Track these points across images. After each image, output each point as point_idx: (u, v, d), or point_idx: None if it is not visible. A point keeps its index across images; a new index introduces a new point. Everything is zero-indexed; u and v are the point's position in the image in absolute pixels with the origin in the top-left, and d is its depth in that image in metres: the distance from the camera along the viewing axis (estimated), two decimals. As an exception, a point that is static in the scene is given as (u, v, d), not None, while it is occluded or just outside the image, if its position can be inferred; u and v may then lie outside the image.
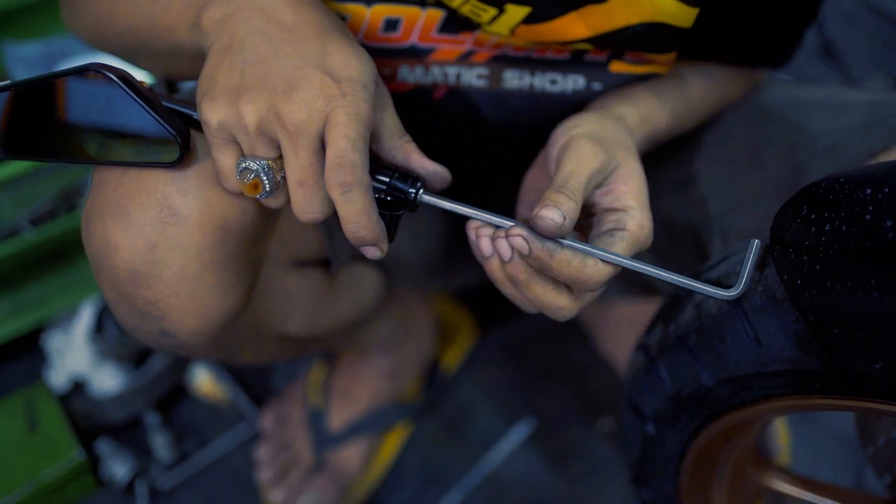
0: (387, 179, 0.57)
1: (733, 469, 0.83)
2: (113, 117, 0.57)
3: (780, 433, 1.14)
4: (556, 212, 0.55)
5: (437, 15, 0.68)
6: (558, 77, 0.73)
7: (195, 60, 0.60)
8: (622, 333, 1.27)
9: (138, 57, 0.72)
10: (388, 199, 0.57)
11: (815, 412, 0.94)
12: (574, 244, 0.56)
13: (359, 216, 0.52)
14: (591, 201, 0.62)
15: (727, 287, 0.62)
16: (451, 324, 1.38)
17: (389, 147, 0.59)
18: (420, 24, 0.68)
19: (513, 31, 0.66)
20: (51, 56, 1.25)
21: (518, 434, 1.24)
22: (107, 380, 1.19)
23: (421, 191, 0.58)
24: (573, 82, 0.73)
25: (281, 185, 0.55)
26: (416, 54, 0.71)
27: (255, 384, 1.30)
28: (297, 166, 0.52)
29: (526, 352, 1.37)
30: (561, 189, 0.57)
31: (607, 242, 0.59)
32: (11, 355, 1.29)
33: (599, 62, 0.72)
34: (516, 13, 0.64)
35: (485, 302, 1.41)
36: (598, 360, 1.34)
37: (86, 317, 1.21)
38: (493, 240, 0.56)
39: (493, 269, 0.59)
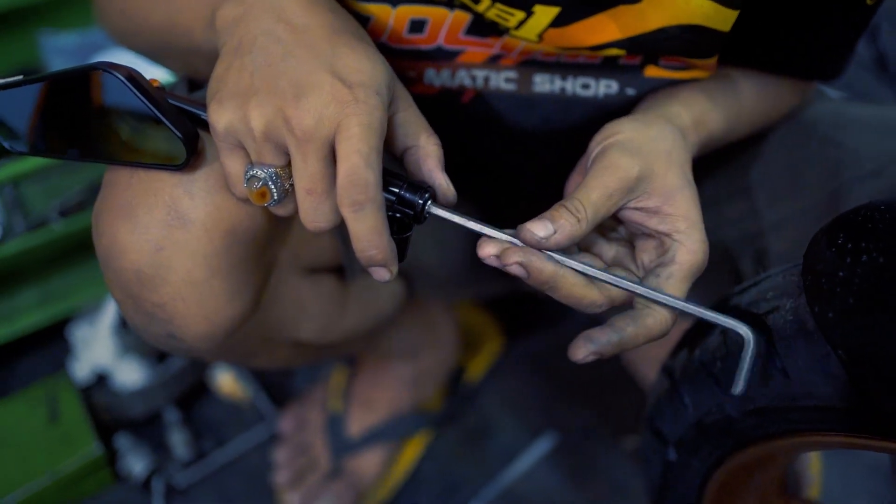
0: (396, 191, 0.54)
1: (759, 499, 0.79)
2: (125, 116, 0.56)
3: (812, 463, 1.11)
4: (543, 226, 0.53)
5: (464, 17, 0.66)
6: (590, 81, 0.71)
7: (212, 60, 0.58)
8: (651, 351, 1.24)
9: (162, 56, 0.71)
10: (398, 215, 0.55)
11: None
12: (575, 265, 0.54)
13: (370, 235, 0.50)
14: (634, 221, 0.59)
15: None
16: (477, 332, 1.36)
17: (408, 146, 0.56)
18: (447, 25, 0.66)
19: (541, 37, 0.64)
20: (87, 47, 1.26)
21: (539, 448, 1.22)
22: (129, 374, 1.19)
23: (429, 204, 0.55)
24: (605, 87, 0.71)
25: (290, 192, 0.53)
26: (442, 56, 0.69)
27: (277, 385, 1.29)
28: (306, 174, 0.50)
29: (551, 364, 1.34)
30: (566, 203, 0.55)
31: (655, 283, 0.57)
32: (37, 345, 1.30)
33: (633, 66, 0.69)
34: (545, 15, 0.61)
35: (511, 311, 1.39)
36: (624, 376, 1.31)
37: (111, 309, 1.21)
38: (502, 266, 0.53)
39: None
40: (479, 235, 0.54)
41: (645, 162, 0.58)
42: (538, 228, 0.53)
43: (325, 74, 0.50)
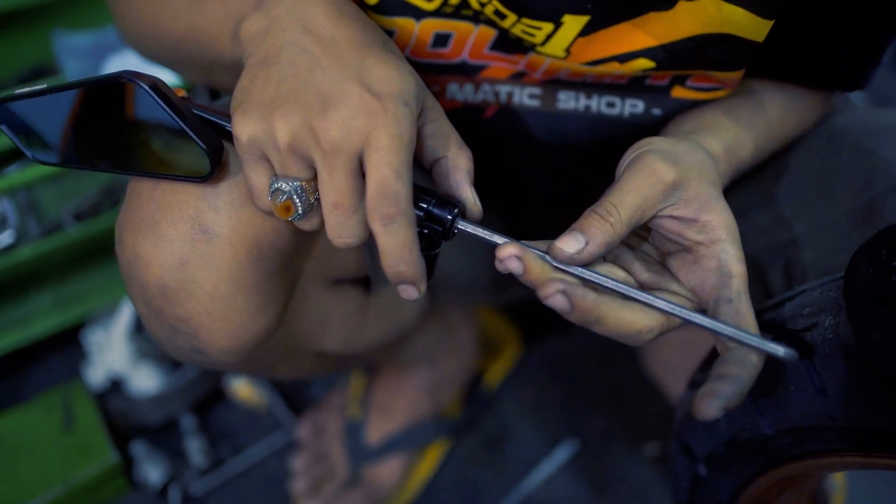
0: (425, 206, 0.53)
1: (789, 516, 0.78)
2: (146, 126, 0.55)
3: (837, 472, 1.09)
4: (574, 239, 0.51)
5: (489, 33, 0.64)
6: (616, 100, 0.69)
7: (236, 72, 0.57)
8: (673, 358, 1.23)
9: (184, 68, 0.70)
10: (426, 231, 0.53)
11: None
12: (619, 287, 0.51)
13: (401, 250, 0.49)
14: (673, 230, 0.57)
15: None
16: (496, 338, 1.34)
17: (438, 157, 0.55)
18: (472, 40, 0.65)
19: (568, 50, 0.62)
20: (101, 47, 1.24)
21: (560, 456, 1.20)
22: (144, 380, 1.18)
23: (458, 220, 0.53)
24: (631, 106, 0.69)
25: (315, 206, 0.52)
26: (466, 71, 0.68)
27: (293, 392, 1.28)
28: (332, 188, 0.49)
29: (571, 370, 1.33)
30: (595, 208, 0.53)
31: (727, 310, 0.54)
32: (52, 349, 1.29)
33: (660, 87, 0.67)
34: (574, 25, 0.60)
35: (530, 317, 1.37)
36: (645, 382, 1.30)
37: (126, 314, 1.20)
38: (543, 298, 0.51)
39: None
40: (512, 237, 0.52)
41: (681, 170, 0.55)
42: (568, 244, 0.51)
43: (354, 85, 0.49)
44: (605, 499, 1.17)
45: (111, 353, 1.19)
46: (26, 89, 0.56)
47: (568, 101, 0.69)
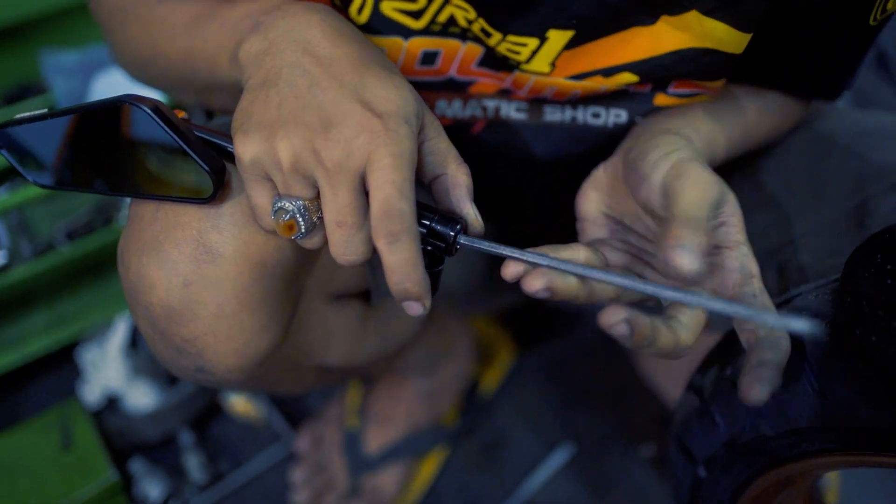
0: (427, 223, 0.53)
1: (787, 514, 0.79)
2: (148, 148, 0.55)
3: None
4: (692, 257, 0.48)
5: (477, 50, 0.65)
6: (601, 110, 0.70)
7: (234, 94, 0.58)
8: (668, 360, 1.24)
9: (179, 90, 0.71)
10: (429, 248, 0.54)
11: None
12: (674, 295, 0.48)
13: (406, 267, 0.49)
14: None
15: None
16: (490, 345, 1.35)
17: (438, 174, 0.55)
18: (459, 57, 0.66)
19: (553, 64, 0.63)
20: (89, 65, 1.24)
21: (557, 459, 1.21)
22: (141, 396, 1.18)
23: (461, 236, 0.54)
24: (615, 116, 0.70)
25: (318, 225, 0.52)
26: (454, 87, 0.69)
27: (290, 404, 1.28)
28: (336, 206, 0.49)
29: (565, 374, 1.34)
30: (688, 224, 0.50)
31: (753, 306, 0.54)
32: (46, 369, 1.29)
33: (643, 94, 0.68)
34: (559, 39, 0.61)
35: (524, 322, 1.38)
36: (640, 384, 1.31)
37: (120, 331, 1.21)
38: (607, 327, 0.49)
39: None
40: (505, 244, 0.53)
41: (720, 179, 0.55)
42: (688, 261, 0.48)
43: (354, 104, 0.49)
44: (603, 501, 1.17)
45: (106, 371, 1.19)
46: (27, 114, 0.56)
47: (554, 112, 0.70)
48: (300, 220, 0.51)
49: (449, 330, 1.18)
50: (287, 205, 0.51)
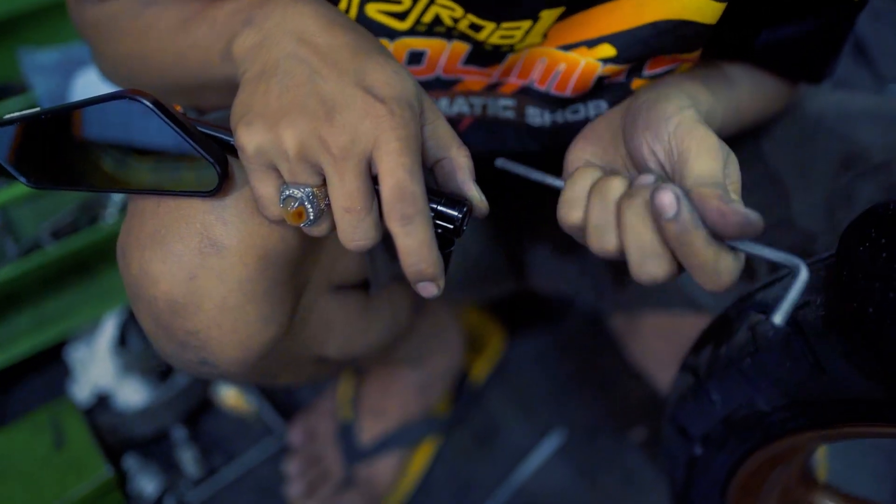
0: (435, 206, 0.54)
1: (782, 489, 0.81)
2: (146, 144, 0.55)
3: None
4: (749, 211, 0.48)
5: (463, 47, 0.66)
6: (579, 107, 0.71)
7: (227, 90, 0.58)
8: (655, 345, 1.25)
9: (171, 95, 0.71)
10: (439, 230, 0.54)
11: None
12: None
13: (421, 248, 0.50)
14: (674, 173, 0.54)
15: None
16: (480, 335, 1.36)
17: (439, 157, 0.56)
18: (445, 56, 0.66)
19: (545, 35, 0.64)
20: (68, 63, 1.23)
21: (549, 446, 1.22)
22: (132, 394, 1.17)
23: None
24: (595, 108, 0.71)
25: (325, 212, 0.53)
26: (440, 86, 0.69)
27: (281, 397, 1.28)
28: (344, 192, 0.50)
29: (555, 362, 1.35)
30: (715, 191, 0.49)
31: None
32: (34, 369, 1.28)
33: (619, 83, 0.69)
34: (550, 17, 0.62)
35: (513, 312, 1.39)
36: (628, 370, 1.32)
37: (109, 329, 1.20)
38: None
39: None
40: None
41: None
42: (747, 213, 0.48)
43: (356, 90, 0.50)
44: (595, 485, 1.19)
45: (96, 369, 1.18)
46: (18, 114, 0.55)
47: (535, 117, 0.71)
48: (309, 207, 0.51)
49: (439, 322, 1.19)
50: (296, 192, 0.51)
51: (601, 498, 1.17)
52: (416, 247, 0.50)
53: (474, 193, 0.56)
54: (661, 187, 0.49)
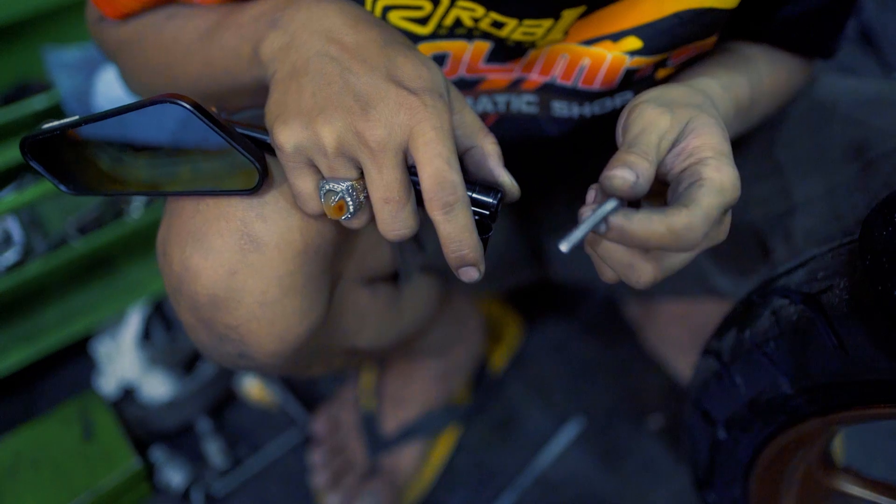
0: (470, 194, 0.55)
1: (804, 472, 0.82)
2: (184, 147, 0.56)
3: (837, 431, 1.14)
4: (626, 170, 0.50)
5: (484, 46, 0.67)
6: (607, 100, 0.72)
7: (256, 94, 0.59)
8: (671, 332, 1.26)
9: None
10: (476, 217, 0.56)
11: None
12: (580, 233, 0.50)
13: (462, 234, 0.51)
14: (665, 168, 0.56)
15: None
16: (498, 324, 1.37)
17: (468, 146, 0.57)
18: (467, 56, 0.68)
19: (566, 32, 0.65)
20: (92, 61, 1.25)
21: (568, 433, 1.24)
22: (157, 386, 1.19)
23: (502, 201, 0.56)
24: (622, 99, 0.72)
25: (364, 204, 0.54)
26: (464, 86, 0.71)
27: (304, 388, 1.30)
28: (382, 183, 0.51)
29: (573, 350, 1.36)
30: (630, 149, 0.53)
31: (690, 197, 0.51)
32: (61, 363, 1.30)
33: (645, 77, 0.70)
34: (571, 15, 0.63)
35: (531, 300, 1.41)
36: (646, 357, 1.34)
37: (133, 323, 1.22)
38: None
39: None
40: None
41: (678, 111, 0.56)
42: (625, 172, 0.50)
43: (388, 84, 0.51)
44: (614, 471, 1.20)
45: (121, 363, 1.20)
46: (57, 123, 0.56)
47: (562, 109, 0.73)
48: (349, 200, 0.53)
49: (460, 312, 1.20)
50: (336, 186, 0.53)
51: (620, 485, 1.19)
52: (457, 233, 0.51)
53: (506, 179, 0.57)
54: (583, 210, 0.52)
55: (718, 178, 0.52)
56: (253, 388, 1.26)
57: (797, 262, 0.70)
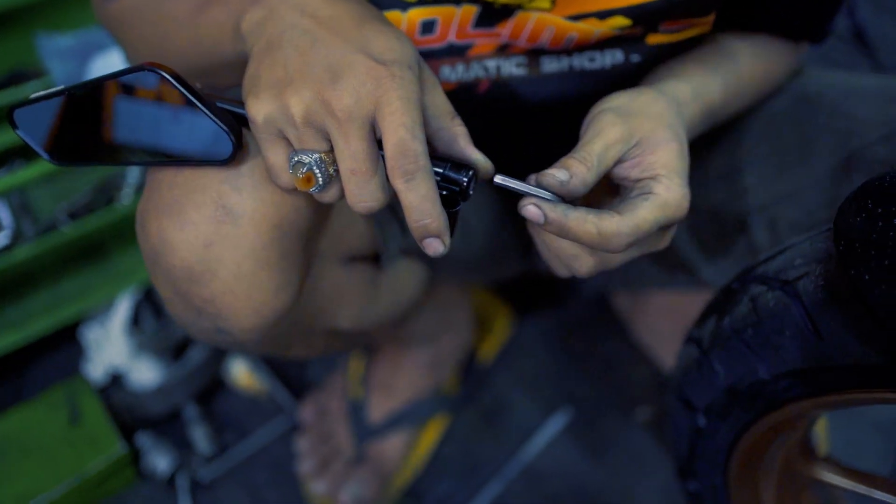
0: (441, 171, 0.56)
1: (783, 461, 0.82)
2: (163, 118, 0.57)
3: (819, 423, 1.14)
4: (562, 171, 0.57)
5: (471, 11, 0.68)
6: (596, 55, 0.73)
7: (240, 68, 0.60)
8: (660, 324, 1.27)
9: (189, 75, 0.72)
10: (444, 193, 0.56)
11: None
12: (511, 183, 0.58)
13: (423, 203, 0.52)
14: (620, 175, 0.62)
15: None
16: (488, 314, 1.37)
17: (437, 128, 0.58)
18: (456, 21, 0.68)
19: (554, 2, 0.66)
20: (85, 48, 1.25)
21: (555, 424, 1.24)
22: (145, 373, 1.20)
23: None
24: (611, 57, 0.73)
25: (334, 177, 0.55)
26: (455, 52, 0.71)
27: (292, 376, 1.30)
28: (349, 154, 0.51)
29: (562, 342, 1.37)
30: (574, 154, 0.58)
31: (631, 206, 0.59)
32: (50, 348, 1.30)
33: (635, 37, 0.71)
34: None
35: (521, 292, 1.41)
36: (634, 350, 1.34)
37: (122, 310, 1.22)
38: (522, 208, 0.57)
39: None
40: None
41: (632, 122, 0.61)
42: (556, 171, 0.57)
43: (358, 55, 0.52)
44: (601, 462, 1.21)
45: (110, 349, 1.20)
46: (42, 93, 0.57)
47: (551, 63, 0.73)
48: (317, 171, 0.53)
49: (449, 301, 1.21)
50: (305, 158, 0.53)
51: (606, 476, 1.19)
52: (418, 202, 0.52)
53: (478, 156, 0.58)
54: (522, 203, 0.58)
55: (665, 195, 0.59)
56: (241, 375, 1.26)
57: (777, 249, 0.70)
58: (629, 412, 1.27)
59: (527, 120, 0.78)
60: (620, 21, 0.67)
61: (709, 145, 0.85)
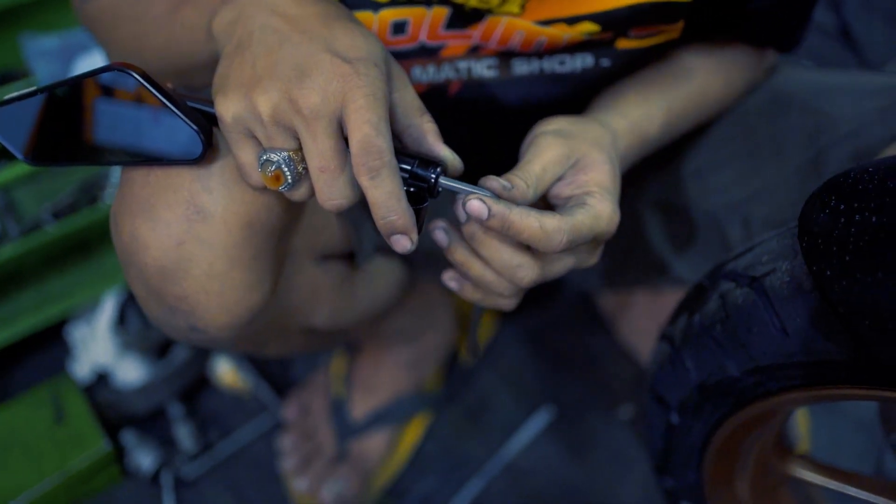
0: (409, 168, 0.56)
1: (757, 457, 0.83)
2: (137, 118, 0.57)
3: (800, 420, 1.14)
4: (505, 182, 0.58)
5: (442, 12, 0.68)
6: (566, 58, 0.74)
7: (214, 67, 0.60)
8: (642, 324, 1.27)
9: (165, 75, 0.73)
10: (412, 189, 0.57)
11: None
12: (457, 185, 0.57)
13: (389, 200, 0.52)
14: (555, 192, 0.63)
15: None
16: (470, 313, 1.38)
17: (406, 125, 0.58)
18: (427, 22, 0.69)
19: (523, 7, 0.67)
20: (69, 49, 1.25)
21: (538, 422, 1.25)
22: (130, 371, 1.20)
23: (441, 177, 0.57)
24: (581, 60, 0.74)
25: (303, 175, 0.55)
26: (426, 53, 0.72)
27: (276, 374, 1.31)
28: (317, 152, 0.52)
29: (545, 341, 1.37)
30: (514, 171, 0.60)
31: (568, 212, 0.60)
32: (35, 347, 1.31)
33: (606, 41, 0.72)
34: None
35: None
36: (617, 349, 1.35)
37: (108, 308, 1.23)
38: (463, 205, 0.57)
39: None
40: None
41: (571, 143, 0.63)
42: (502, 180, 0.58)
43: (325, 54, 0.52)
44: (583, 460, 1.21)
45: (95, 348, 1.21)
46: (16, 94, 0.57)
47: (522, 65, 0.74)
48: (286, 169, 0.54)
49: (431, 299, 1.21)
50: (273, 156, 0.53)
51: (588, 473, 1.20)
52: (384, 198, 0.52)
53: (446, 153, 0.58)
54: (465, 199, 0.57)
55: (598, 207, 0.61)
56: (225, 373, 1.27)
57: (746, 247, 0.71)
58: (612, 410, 1.27)
59: (497, 122, 0.78)
60: (589, 27, 0.67)
61: (682, 143, 0.85)
